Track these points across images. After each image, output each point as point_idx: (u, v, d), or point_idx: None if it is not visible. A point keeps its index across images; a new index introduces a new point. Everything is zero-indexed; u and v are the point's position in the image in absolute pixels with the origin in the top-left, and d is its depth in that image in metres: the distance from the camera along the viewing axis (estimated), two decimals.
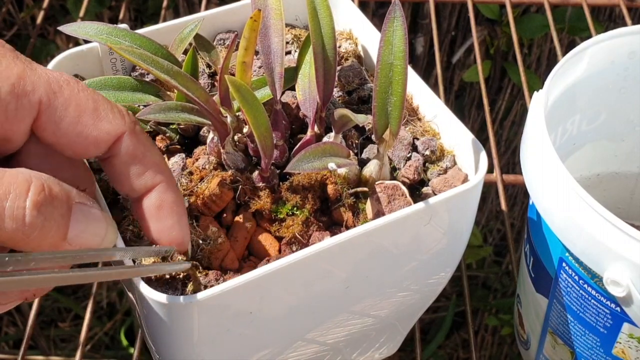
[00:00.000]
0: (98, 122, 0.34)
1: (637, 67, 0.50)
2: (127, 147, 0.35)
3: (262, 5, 0.43)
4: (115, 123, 0.35)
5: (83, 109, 0.34)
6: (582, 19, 0.94)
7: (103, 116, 0.34)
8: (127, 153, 0.35)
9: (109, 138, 0.35)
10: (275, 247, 0.40)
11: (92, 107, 0.34)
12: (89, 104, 0.34)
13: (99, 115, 0.34)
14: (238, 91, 0.38)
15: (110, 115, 0.35)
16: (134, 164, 0.35)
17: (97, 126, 0.34)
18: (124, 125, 0.35)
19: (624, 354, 0.44)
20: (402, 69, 0.40)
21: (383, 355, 0.55)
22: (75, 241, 0.32)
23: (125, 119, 0.35)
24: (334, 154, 0.40)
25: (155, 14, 1.05)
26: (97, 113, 0.34)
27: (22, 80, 0.33)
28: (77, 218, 0.32)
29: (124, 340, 0.98)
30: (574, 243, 0.42)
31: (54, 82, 0.34)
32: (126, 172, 0.36)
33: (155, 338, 0.39)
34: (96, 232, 0.33)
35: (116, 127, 0.35)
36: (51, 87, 0.33)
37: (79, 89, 0.34)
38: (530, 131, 0.44)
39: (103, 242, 0.34)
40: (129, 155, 0.35)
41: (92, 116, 0.34)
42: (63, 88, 0.34)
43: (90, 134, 0.34)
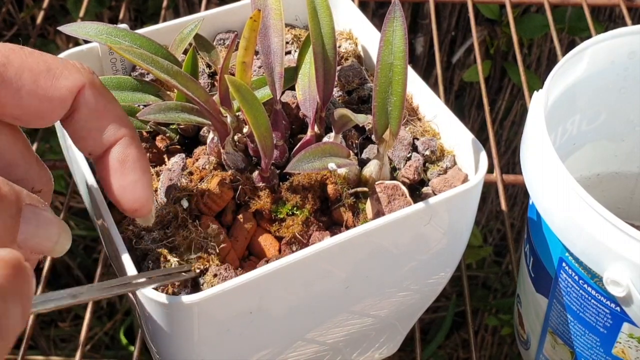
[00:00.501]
0: (56, 81, 0.33)
1: (637, 67, 0.50)
2: (88, 100, 0.34)
3: (261, 5, 0.43)
4: (72, 78, 0.34)
5: (37, 73, 0.33)
6: (582, 19, 0.94)
7: (59, 74, 0.34)
8: (88, 106, 0.34)
9: (70, 94, 0.34)
10: (275, 247, 0.40)
11: (45, 68, 0.33)
12: (41, 66, 0.33)
13: (55, 74, 0.33)
14: (238, 91, 0.38)
15: (65, 71, 0.34)
16: (96, 117, 0.35)
17: (56, 85, 0.33)
18: (82, 78, 0.34)
19: (624, 353, 0.44)
20: (402, 69, 0.40)
21: (383, 355, 0.55)
22: (25, 244, 0.31)
23: (82, 72, 0.34)
24: (334, 154, 0.40)
25: (155, 14, 1.05)
26: (52, 72, 0.33)
27: None
28: (27, 220, 0.31)
29: (124, 339, 0.98)
30: (574, 243, 0.42)
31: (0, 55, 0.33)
32: (88, 126, 0.35)
33: (155, 338, 0.39)
34: (47, 236, 0.32)
35: (75, 81, 0.34)
36: None
37: (27, 54, 0.33)
38: (530, 131, 0.44)
39: (55, 247, 0.32)
40: (91, 108, 0.34)
41: (48, 77, 0.33)
42: (11, 57, 0.33)
43: (53, 94, 0.33)
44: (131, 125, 0.36)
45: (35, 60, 0.33)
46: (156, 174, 0.43)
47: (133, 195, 0.35)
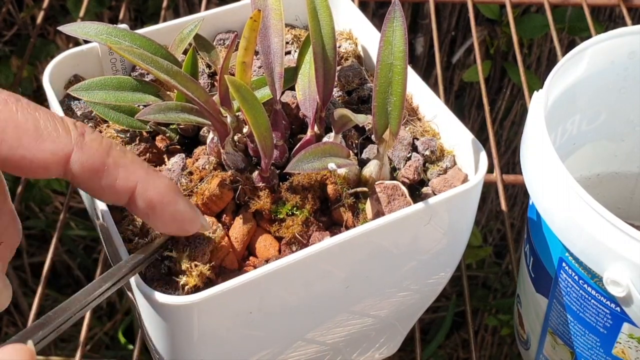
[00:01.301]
0: (40, 143, 0.32)
1: (637, 67, 0.50)
2: (80, 164, 0.33)
3: (262, 5, 0.43)
4: (59, 141, 0.32)
5: (23, 130, 0.32)
6: (582, 19, 0.94)
7: (46, 136, 0.32)
8: (83, 170, 0.33)
9: (55, 159, 0.32)
10: (275, 247, 0.40)
11: (33, 126, 0.32)
12: (28, 125, 0.32)
13: (41, 136, 0.32)
14: (238, 91, 0.38)
15: (53, 133, 0.32)
16: (98, 177, 0.33)
17: (40, 147, 0.32)
18: (70, 143, 0.33)
19: (623, 354, 0.44)
20: (402, 69, 0.40)
21: (383, 355, 0.55)
22: None
23: (71, 134, 0.33)
24: (334, 154, 0.40)
25: (155, 14, 1.05)
26: (39, 133, 0.32)
27: None
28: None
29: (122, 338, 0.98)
30: (574, 243, 0.42)
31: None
32: (94, 187, 0.34)
33: (155, 338, 0.39)
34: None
35: (62, 145, 0.32)
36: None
37: (18, 109, 0.32)
38: (530, 131, 0.44)
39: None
40: (87, 170, 0.33)
41: (34, 137, 0.32)
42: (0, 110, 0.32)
43: (34, 156, 0.32)
44: (141, 166, 0.35)
45: (25, 117, 0.32)
46: None
47: (177, 226, 0.36)
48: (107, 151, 0.34)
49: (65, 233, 1.08)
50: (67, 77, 0.48)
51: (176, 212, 0.35)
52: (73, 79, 0.48)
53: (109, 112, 0.44)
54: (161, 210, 0.35)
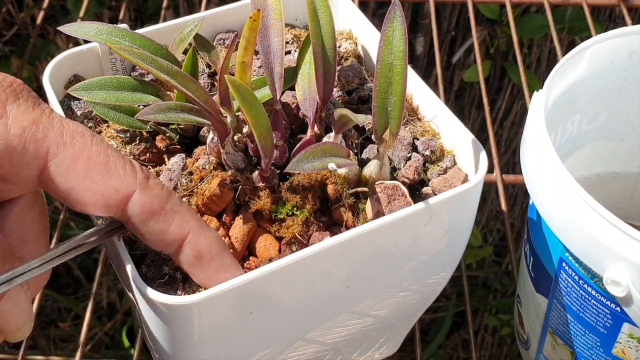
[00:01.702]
0: (107, 179, 0.33)
1: (637, 67, 0.50)
2: (140, 205, 0.34)
3: (261, 5, 0.43)
4: (125, 180, 0.33)
5: (93, 164, 0.33)
6: (582, 19, 0.94)
7: (113, 172, 0.33)
8: (142, 211, 0.34)
9: (118, 196, 0.33)
10: (275, 247, 0.40)
11: (103, 161, 0.33)
12: (100, 159, 0.33)
13: (109, 171, 0.33)
14: (238, 91, 0.38)
15: (121, 171, 0.33)
16: (153, 220, 0.34)
17: (106, 182, 0.33)
18: (134, 183, 0.34)
19: (624, 354, 0.44)
20: (402, 69, 0.40)
21: (383, 355, 0.55)
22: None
23: (137, 175, 0.34)
24: (334, 154, 0.40)
25: (155, 14, 1.05)
26: (108, 168, 0.33)
27: (35, 126, 0.32)
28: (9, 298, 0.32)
29: (126, 341, 0.98)
30: (574, 243, 0.42)
31: (67, 133, 0.33)
32: (148, 231, 0.35)
33: (155, 338, 0.39)
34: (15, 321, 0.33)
35: (126, 184, 0.33)
36: (62, 138, 0.33)
37: (92, 143, 0.33)
38: (530, 131, 0.44)
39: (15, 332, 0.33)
40: (145, 212, 0.34)
41: (102, 172, 0.33)
42: (76, 140, 0.33)
43: (99, 190, 0.33)
44: (194, 215, 0.35)
45: (97, 151, 0.33)
46: (156, 174, 0.43)
47: (219, 280, 0.36)
48: (166, 197, 0.35)
49: (65, 233, 1.08)
50: (67, 77, 0.48)
51: (221, 265, 0.36)
52: (73, 79, 0.48)
53: (109, 112, 0.44)
54: (208, 262, 0.36)
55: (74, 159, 0.33)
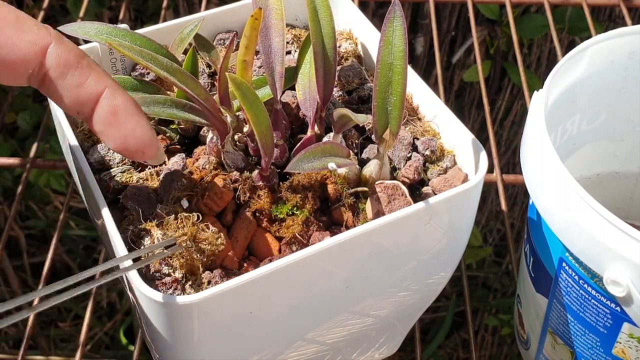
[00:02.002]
0: (21, 34, 0.34)
1: (637, 67, 0.50)
2: (57, 57, 0.34)
3: (263, 4, 0.43)
4: (39, 34, 0.34)
5: (4, 21, 0.33)
6: (582, 19, 0.94)
7: (26, 28, 0.34)
8: (58, 63, 0.34)
9: (35, 48, 0.34)
10: (275, 247, 0.40)
11: (14, 18, 0.34)
12: (10, 16, 0.34)
13: (22, 27, 0.34)
14: (238, 89, 0.38)
15: (34, 27, 0.34)
16: (70, 73, 0.35)
17: (20, 37, 0.33)
18: (49, 36, 0.34)
19: (624, 353, 0.44)
20: (402, 68, 0.40)
21: (383, 355, 0.55)
22: None
23: (50, 31, 0.34)
24: (334, 154, 0.40)
25: (155, 14, 1.05)
26: (20, 25, 0.34)
27: None
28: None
29: (124, 339, 0.98)
30: (574, 243, 0.42)
31: None
32: (65, 84, 0.35)
33: (155, 338, 0.39)
34: None
35: (41, 37, 0.34)
36: None
37: (1, 4, 0.34)
38: (530, 131, 0.44)
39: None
40: (62, 65, 0.34)
41: (15, 27, 0.33)
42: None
43: (14, 44, 0.33)
44: (109, 75, 0.36)
45: (7, 10, 0.34)
46: (156, 174, 0.43)
47: (136, 140, 0.35)
48: (82, 53, 0.35)
49: (65, 233, 1.08)
50: None
51: (138, 125, 0.36)
52: None
53: None
54: (124, 119, 0.35)
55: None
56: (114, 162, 0.43)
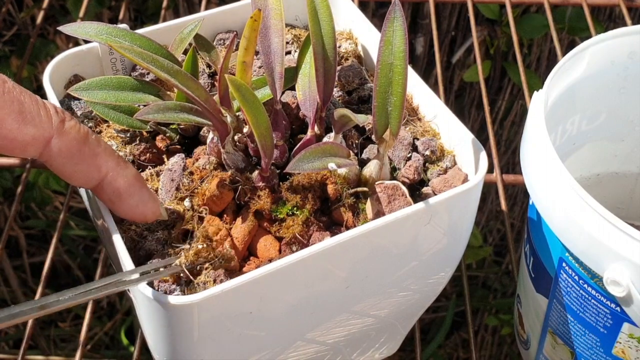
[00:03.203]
0: (23, 126, 0.34)
1: (637, 67, 0.50)
2: (58, 150, 0.35)
3: (262, 5, 0.43)
4: (41, 127, 0.34)
5: (7, 112, 0.33)
6: (582, 19, 0.94)
7: (29, 119, 0.34)
8: (60, 155, 0.35)
9: (35, 142, 0.34)
10: (275, 247, 0.40)
11: (17, 109, 0.33)
12: (13, 107, 0.33)
13: (25, 119, 0.34)
14: (238, 90, 0.38)
15: (36, 118, 0.34)
16: (72, 163, 0.35)
17: (22, 130, 0.34)
18: (50, 128, 0.34)
19: (624, 354, 0.44)
20: (402, 69, 0.40)
21: (383, 355, 0.55)
22: None
23: (52, 121, 0.34)
24: (334, 154, 0.40)
25: (155, 14, 1.05)
26: (23, 116, 0.34)
27: None
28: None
29: (125, 340, 0.98)
30: (574, 243, 0.42)
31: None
32: (66, 172, 0.36)
33: (155, 338, 0.39)
34: None
35: (42, 131, 0.34)
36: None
37: (5, 91, 0.33)
38: (530, 131, 0.44)
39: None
40: (63, 156, 0.35)
41: (17, 119, 0.33)
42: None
43: (15, 137, 0.34)
44: (113, 156, 0.37)
45: (11, 99, 0.33)
46: (156, 174, 0.43)
47: (139, 214, 0.38)
48: (84, 139, 0.36)
49: (65, 233, 1.08)
50: (67, 77, 0.48)
51: (140, 201, 0.37)
52: (73, 79, 0.48)
53: (109, 112, 0.44)
54: (126, 198, 0.37)
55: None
56: None
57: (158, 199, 0.39)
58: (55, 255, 0.59)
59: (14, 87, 0.34)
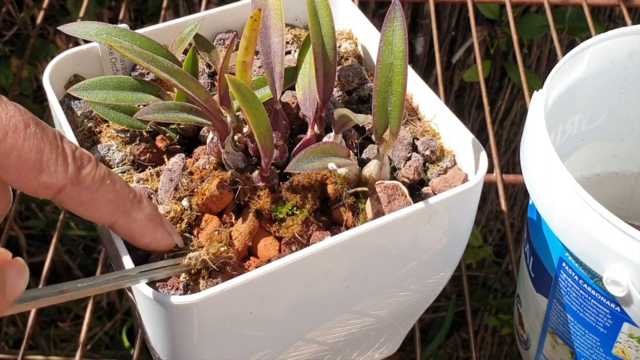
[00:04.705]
0: (38, 175, 0.34)
1: (637, 67, 0.50)
2: (69, 198, 0.35)
3: (262, 5, 0.43)
4: (55, 176, 0.34)
5: (24, 160, 0.33)
6: (582, 19, 0.94)
7: (45, 168, 0.34)
8: (71, 202, 0.35)
9: (47, 190, 0.35)
10: (275, 247, 0.40)
11: (35, 158, 0.34)
12: (31, 155, 0.34)
13: (41, 168, 0.34)
14: (238, 90, 0.38)
15: (52, 167, 0.34)
16: (84, 209, 0.36)
17: (37, 179, 0.34)
18: (64, 179, 0.35)
19: (623, 353, 0.44)
20: (402, 68, 0.40)
21: (383, 355, 0.55)
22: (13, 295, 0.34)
23: (68, 170, 0.35)
24: (334, 154, 0.40)
25: (155, 14, 1.05)
26: (39, 165, 0.34)
27: None
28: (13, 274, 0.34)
29: (126, 341, 0.98)
30: (574, 243, 0.42)
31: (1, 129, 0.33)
32: (78, 214, 0.36)
33: (155, 338, 0.39)
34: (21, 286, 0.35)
35: (56, 180, 0.34)
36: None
37: (25, 137, 0.34)
38: (530, 131, 0.44)
39: None
40: (75, 203, 0.36)
41: (33, 168, 0.34)
42: (8, 136, 0.33)
43: (29, 184, 0.34)
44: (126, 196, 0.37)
45: (29, 147, 0.34)
46: (156, 174, 0.43)
47: (153, 248, 0.38)
48: (97, 188, 0.36)
49: (65, 233, 1.08)
50: (67, 77, 0.48)
51: (153, 240, 0.38)
52: (73, 78, 0.48)
53: (109, 112, 0.44)
54: (139, 238, 0.38)
55: (6, 155, 0.33)
56: (114, 162, 0.43)
57: (173, 232, 0.39)
58: (55, 255, 0.59)
59: (36, 132, 0.34)
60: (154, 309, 0.37)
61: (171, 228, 0.39)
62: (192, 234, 0.40)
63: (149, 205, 0.38)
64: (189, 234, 0.40)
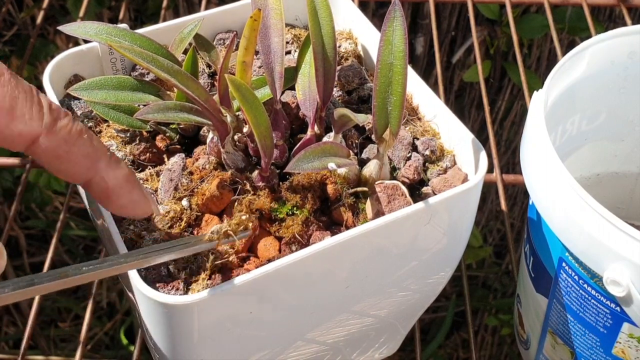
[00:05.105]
0: (11, 122, 0.33)
1: (637, 67, 0.50)
2: (44, 149, 0.34)
3: (262, 5, 0.43)
4: (30, 124, 0.33)
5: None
6: (582, 19, 0.94)
7: (18, 115, 0.33)
8: (47, 154, 0.34)
9: (21, 139, 0.34)
10: (275, 247, 0.40)
11: (8, 105, 0.33)
12: (5, 102, 0.33)
13: (14, 115, 0.33)
14: (238, 90, 0.38)
15: (26, 115, 0.33)
16: (58, 162, 0.35)
17: (10, 126, 0.33)
18: (39, 127, 0.34)
19: (623, 353, 0.44)
20: (402, 68, 0.40)
21: (383, 355, 0.55)
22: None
23: (43, 119, 0.34)
24: (334, 154, 0.40)
25: (155, 14, 1.05)
26: (13, 112, 0.33)
27: None
28: None
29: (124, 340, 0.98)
30: (574, 243, 0.42)
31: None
32: (52, 169, 0.35)
33: (156, 338, 0.39)
34: None
35: (30, 128, 0.33)
36: None
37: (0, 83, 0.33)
38: (530, 131, 0.44)
39: None
40: (50, 155, 0.34)
41: (7, 115, 0.33)
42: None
43: (2, 132, 0.33)
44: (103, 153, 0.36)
45: (3, 93, 0.33)
46: (156, 174, 0.43)
47: (129, 212, 0.37)
48: (74, 139, 0.35)
49: (65, 233, 1.08)
50: (67, 77, 0.48)
51: (129, 202, 0.37)
52: (73, 78, 0.48)
53: (109, 112, 0.44)
54: (115, 199, 0.37)
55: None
56: None
57: (150, 199, 0.38)
58: (55, 255, 0.59)
59: (10, 80, 0.33)
60: (154, 309, 0.37)
61: (149, 195, 0.38)
62: (192, 234, 0.40)
63: (126, 167, 0.37)
64: (189, 234, 0.40)
